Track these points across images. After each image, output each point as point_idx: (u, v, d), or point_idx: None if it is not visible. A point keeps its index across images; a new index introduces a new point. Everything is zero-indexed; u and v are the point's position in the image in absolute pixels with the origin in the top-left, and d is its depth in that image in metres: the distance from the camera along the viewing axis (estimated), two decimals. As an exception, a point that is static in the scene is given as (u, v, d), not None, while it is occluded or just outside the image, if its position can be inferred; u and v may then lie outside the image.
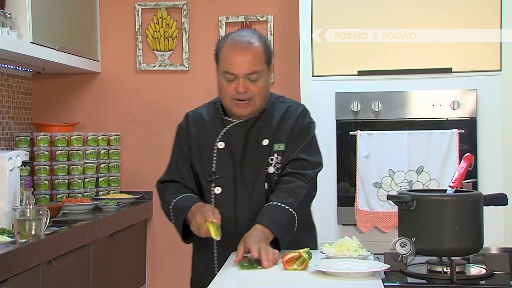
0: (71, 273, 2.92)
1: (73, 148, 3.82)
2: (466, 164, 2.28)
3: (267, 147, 2.33)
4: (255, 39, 2.30)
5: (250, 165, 2.33)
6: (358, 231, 3.46)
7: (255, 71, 2.27)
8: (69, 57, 3.74)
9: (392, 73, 3.52)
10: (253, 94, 2.28)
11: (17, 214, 2.55)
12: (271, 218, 2.17)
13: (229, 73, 2.27)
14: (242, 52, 2.27)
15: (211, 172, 2.35)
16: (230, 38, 2.33)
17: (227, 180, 2.33)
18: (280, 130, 2.35)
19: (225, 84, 2.30)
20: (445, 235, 2.08)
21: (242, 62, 2.26)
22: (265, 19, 4.10)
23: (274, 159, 2.33)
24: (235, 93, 2.28)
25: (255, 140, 2.34)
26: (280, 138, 2.34)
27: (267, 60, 2.32)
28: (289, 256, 2.00)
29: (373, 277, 1.90)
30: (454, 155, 3.39)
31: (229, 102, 2.32)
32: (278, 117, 2.37)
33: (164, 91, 4.19)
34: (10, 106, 3.88)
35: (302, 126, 2.37)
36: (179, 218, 2.29)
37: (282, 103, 2.42)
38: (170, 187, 2.40)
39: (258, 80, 2.28)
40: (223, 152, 2.35)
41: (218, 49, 2.35)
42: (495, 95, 3.44)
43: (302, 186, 2.28)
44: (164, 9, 4.17)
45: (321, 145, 3.52)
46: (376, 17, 3.52)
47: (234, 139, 2.35)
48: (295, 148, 2.33)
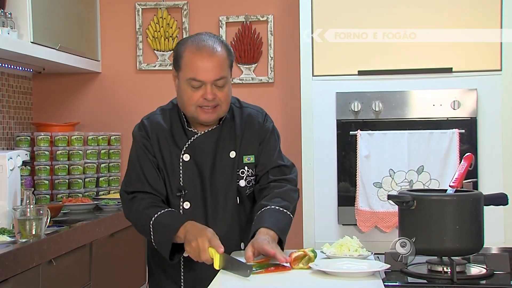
0: (72, 273, 2.92)
1: (74, 148, 3.83)
2: (467, 164, 2.28)
3: (235, 159, 2.27)
4: (217, 44, 2.20)
5: (220, 178, 2.26)
6: (358, 231, 3.46)
7: (222, 77, 2.18)
8: (70, 57, 3.74)
9: (393, 73, 3.52)
10: (220, 100, 2.19)
11: (17, 214, 2.55)
12: (273, 220, 2.14)
13: (196, 80, 2.16)
14: (208, 57, 2.16)
15: (179, 187, 2.25)
16: (191, 42, 2.20)
17: (196, 195, 2.25)
18: (245, 140, 2.29)
19: (190, 92, 2.18)
20: (445, 235, 2.08)
21: (209, 68, 2.16)
22: (265, 19, 4.10)
23: (245, 172, 2.28)
24: (202, 101, 2.17)
25: (222, 152, 2.26)
26: (248, 150, 2.28)
27: (230, 65, 2.23)
28: (295, 255, 2.00)
29: (373, 277, 1.90)
30: (454, 155, 3.39)
31: (193, 110, 2.20)
32: (240, 125, 2.30)
33: (164, 91, 4.18)
34: (11, 106, 3.88)
35: (269, 132, 2.32)
36: (165, 235, 2.14)
37: (240, 109, 2.34)
38: (141, 199, 2.24)
39: (225, 86, 2.19)
40: (189, 165, 2.25)
41: (178, 54, 2.22)
42: (496, 95, 3.44)
43: (293, 190, 2.28)
44: (164, 9, 4.17)
45: (321, 145, 3.56)
46: (376, 17, 3.52)
47: (200, 151, 2.26)
48: (270, 155, 2.30)
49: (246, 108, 2.35)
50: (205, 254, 2.01)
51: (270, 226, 2.11)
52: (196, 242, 2.03)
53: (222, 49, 2.20)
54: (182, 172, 2.25)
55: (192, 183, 2.25)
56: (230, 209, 2.27)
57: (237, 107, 2.34)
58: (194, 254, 2.05)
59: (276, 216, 2.16)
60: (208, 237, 2.03)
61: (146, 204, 2.23)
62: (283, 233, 2.15)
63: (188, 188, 2.25)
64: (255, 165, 2.30)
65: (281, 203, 2.20)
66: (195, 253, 2.04)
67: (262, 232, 2.09)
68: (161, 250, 2.18)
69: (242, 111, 2.34)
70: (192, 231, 2.08)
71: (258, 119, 2.33)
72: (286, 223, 2.19)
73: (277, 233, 2.11)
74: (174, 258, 2.19)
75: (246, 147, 2.28)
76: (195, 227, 2.11)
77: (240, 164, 2.28)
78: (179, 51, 2.22)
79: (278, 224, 2.14)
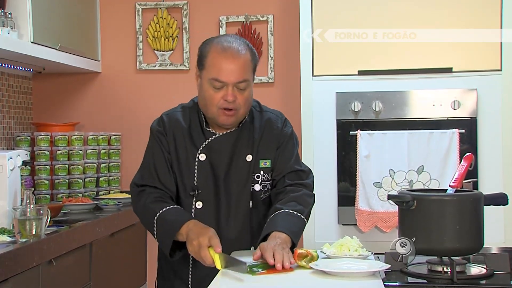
0: (72, 273, 2.92)
1: (74, 148, 3.83)
2: (467, 164, 2.28)
3: (251, 162, 2.27)
4: (243, 46, 2.21)
5: (234, 181, 2.26)
6: (358, 231, 3.46)
7: (244, 80, 2.18)
8: (70, 57, 3.74)
9: (393, 73, 3.52)
10: (239, 105, 2.19)
11: (17, 214, 2.55)
12: (285, 224, 2.14)
13: (219, 80, 2.16)
14: (233, 59, 2.17)
15: (193, 186, 2.25)
16: (217, 43, 2.22)
17: (209, 195, 2.25)
18: (263, 145, 2.29)
19: (212, 92, 2.18)
20: (445, 234, 2.08)
21: (233, 70, 2.16)
22: (265, 18, 4.10)
23: (260, 177, 2.29)
24: (222, 102, 2.17)
25: (238, 154, 2.26)
26: (265, 155, 2.28)
27: (253, 68, 2.24)
28: (299, 252, 2.02)
29: (373, 277, 1.90)
30: (454, 154, 3.39)
31: (215, 111, 2.20)
32: (259, 130, 2.30)
33: (164, 91, 4.19)
34: (11, 106, 3.88)
35: (287, 137, 2.33)
36: (168, 232, 2.14)
37: (260, 113, 2.34)
38: (149, 193, 2.25)
39: (246, 90, 2.19)
40: (204, 165, 2.25)
41: (203, 54, 2.23)
42: (496, 95, 3.44)
43: (309, 195, 2.28)
44: (164, 9, 4.17)
45: (321, 145, 3.56)
46: (376, 17, 3.52)
47: (217, 152, 2.26)
48: (287, 160, 2.30)
49: (266, 112, 2.36)
50: (204, 252, 2.00)
51: (282, 229, 2.11)
52: (197, 241, 2.03)
53: (247, 52, 2.21)
54: (197, 171, 2.26)
55: (206, 184, 2.25)
56: (242, 213, 2.26)
57: (257, 111, 2.35)
58: (195, 253, 2.05)
59: (289, 219, 2.16)
60: (209, 236, 2.02)
61: (153, 198, 2.23)
62: (296, 236, 2.14)
63: (202, 188, 2.25)
64: (271, 170, 2.30)
65: (296, 207, 2.20)
66: (195, 252, 2.04)
67: (272, 236, 2.09)
68: (162, 246, 2.18)
69: (262, 115, 2.34)
70: (194, 229, 2.08)
71: (277, 124, 2.33)
72: (299, 227, 2.19)
73: (290, 236, 2.10)
74: (175, 256, 2.19)
75: (263, 152, 2.29)
76: (198, 226, 2.11)
77: (256, 168, 2.28)
78: (204, 50, 2.23)
79: (291, 227, 2.14)
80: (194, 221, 2.14)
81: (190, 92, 4.08)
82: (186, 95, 4.08)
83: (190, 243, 2.06)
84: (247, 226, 2.28)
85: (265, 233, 2.12)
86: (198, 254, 2.03)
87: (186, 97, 4.11)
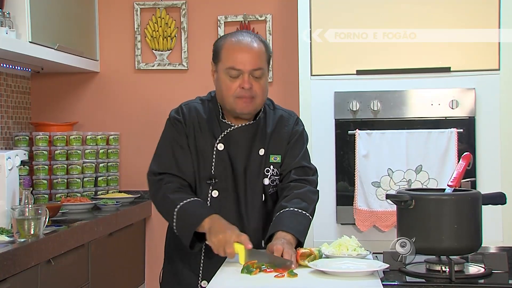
0: (70, 273, 2.92)
1: (72, 148, 3.83)
2: (465, 163, 2.28)
3: (263, 156, 2.33)
4: (256, 38, 2.30)
5: (249, 173, 2.32)
6: (357, 230, 3.46)
7: (259, 68, 2.26)
8: (68, 56, 3.74)
9: (391, 73, 3.52)
10: (256, 92, 2.26)
11: (16, 214, 2.55)
12: (290, 224, 2.17)
13: (235, 69, 2.24)
14: (247, 48, 2.26)
15: (210, 175, 2.30)
16: (231, 36, 2.31)
17: (226, 185, 2.31)
18: (274, 140, 2.35)
19: (228, 82, 2.26)
20: (443, 234, 2.09)
21: (248, 58, 2.24)
22: (263, 18, 4.10)
23: (269, 171, 2.34)
24: (239, 90, 2.24)
25: (253, 148, 2.32)
26: (276, 150, 2.34)
27: (268, 59, 2.32)
28: (302, 251, 2.04)
29: (372, 276, 1.90)
30: (452, 154, 3.39)
31: (232, 101, 2.26)
32: (271, 126, 2.36)
33: (163, 91, 4.19)
34: (9, 106, 3.88)
35: (298, 134, 2.39)
36: (190, 225, 2.17)
37: (273, 111, 2.41)
38: (168, 182, 2.29)
39: (262, 78, 2.27)
40: (222, 155, 2.31)
41: (218, 48, 2.31)
42: (494, 94, 3.44)
43: (313, 191, 2.33)
44: (163, 9, 4.17)
45: (320, 145, 3.56)
46: (375, 17, 3.53)
47: (234, 143, 2.32)
48: (295, 155, 2.35)
49: (278, 110, 2.43)
50: (230, 247, 2.04)
51: (288, 229, 2.14)
52: (224, 235, 2.07)
53: (261, 43, 2.30)
54: (214, 160, 2.31)
55: (223, 173, 2.30)
56: (257, 205, 2.32)
57: (271, 108, 2.42)
58: (218, 246, 2.08)
59: (294, 218, 2.19)
60: (237, 233, 2.08)
61: (173, 188, 2.27)
62: (301, 235, 2.18)
63: (219, 178, 2.30)
64: (280, 165, 2.35)
65: (300, 204, 2.24)
66: (219, 245, 2.08)
67: (278, 236, 2.13)
68: (183, 237, 2.21)
69: (275, 112, 2.41)
70: (219, 223, 2.13)
71: (289, 121, 2.40)
72: (305, 225, 2.22)
73: (295, 236, 2.14)
74: (195, 247, 2.22)
75: (274, 147, 2.34)
76: (222, 221, 2.15)
77: (267, 162, 2.33)
78: (219, 44, 2.32)
79: (296, 226, 2.17)
80: (218, 215, 2.18)
81: (189, 91, 4.11)
82: (185, 95, 4.10)
83: (214, 236, 2.10)
84: (261, 219, 2.34)
85: (271, 232, 2.16)
86: (221, 248, 2.07)
87: (184, 97, 4.12)
